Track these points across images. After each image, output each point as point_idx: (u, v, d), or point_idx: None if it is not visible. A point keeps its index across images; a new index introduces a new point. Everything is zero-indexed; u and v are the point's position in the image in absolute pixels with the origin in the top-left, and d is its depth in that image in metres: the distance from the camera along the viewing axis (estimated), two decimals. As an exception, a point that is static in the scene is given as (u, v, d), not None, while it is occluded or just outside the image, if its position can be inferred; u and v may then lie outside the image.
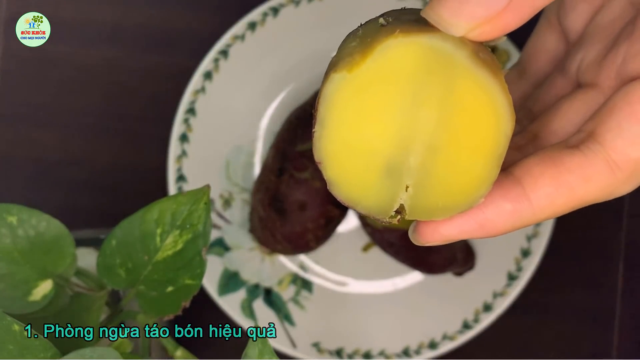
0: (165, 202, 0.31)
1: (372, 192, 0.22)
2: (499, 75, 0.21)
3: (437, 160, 0.21)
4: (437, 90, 0.21)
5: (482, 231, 0.23)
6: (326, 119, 0.21)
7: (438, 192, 0.22)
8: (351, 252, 0.47)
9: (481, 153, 0.21)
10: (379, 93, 0.21)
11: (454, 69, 0.20)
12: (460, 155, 0.21)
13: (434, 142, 0.21)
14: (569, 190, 0.22)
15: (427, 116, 0.21)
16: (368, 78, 0.21)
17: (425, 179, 0.22)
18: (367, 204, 0.22)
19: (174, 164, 0.46)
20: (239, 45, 0.46)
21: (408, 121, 0.21)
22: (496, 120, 0.21)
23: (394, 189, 0.22)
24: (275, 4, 0.45)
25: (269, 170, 0.44)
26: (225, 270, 0.46)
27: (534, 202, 0.22)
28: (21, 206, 0.31)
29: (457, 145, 0.21)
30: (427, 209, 0.22)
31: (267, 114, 0.47)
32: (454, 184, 0.22)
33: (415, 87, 0.21)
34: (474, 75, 0.20)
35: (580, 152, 0.22)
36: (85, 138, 0.48)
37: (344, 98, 0.21)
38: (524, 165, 0.23)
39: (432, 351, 0.45)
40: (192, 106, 0.46)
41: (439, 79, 0.20)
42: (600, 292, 0.47)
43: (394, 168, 0.22)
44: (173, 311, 0.31)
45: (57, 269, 0.31)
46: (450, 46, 0.20)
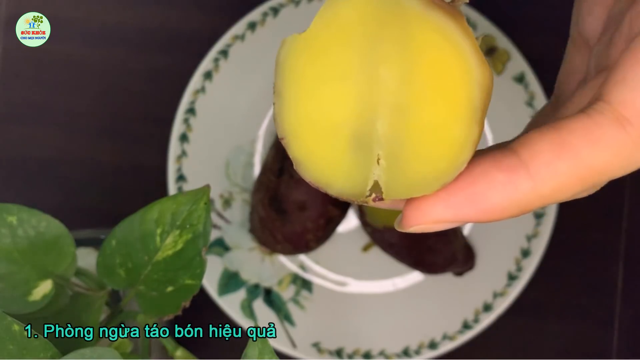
0: (165, 202, 0.31)
1: (342, 169, 0.20)
2: (460, 19, 0.18)
3: (406, 123, 0.19)
4: (394, 44, 0.18)
5: (475, 208, 0.19)
6: (283, 89, 0.19)
7: (414, 160, 0.19)
8: (351, 252, 0.47)
9: (454, 108, 0.18)
10: (332, 55, 0.19)
11: (407, 17, 0.18)
12: (431, 113, 0.19)
13: (400, 101, 0.19)
14: (574, 155, 0.18)
15: (387, 74, 0.19)
16: (319, 39, 0.19)
17: (397, 147, 0.19)
18: (339, 185, 0.20)
19: (174, 164, 0.46)
20: (239, 45, 0.46)
21: (368, 83, 0.19)
22: (463, 67, 0.18)
23: (365, 162, 0.19)
24: (275, 4, 0.45)
25: (269, 170, 0.44)
26: (225, 270, 0.46)
27: (533, 171, 0.19)
28: (21, 206, 0.31)
29: (426, 102, 0.19)
30: (405, 184, 0.19)
31: (267, 114, 0.47)
32: (430, 148, 0.19)
33: (369, 43, 0.19)
34: (430, 21, 0.18)
35: (584, 114, 0.19)
36: (85, 138, 0.48)
37: (297, 64, 0.19)
38: (520, 138, 0.20)
39: (432, 351, 0.45)
40: (192, 106, 0.46)
41: (394, 31, 0.18)
42: (600, 292, 0.47)
43: (362, 138, 0.19)
44: (173, 311, 0.31)
45: (57, 269, 0.31)
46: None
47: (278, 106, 0.19)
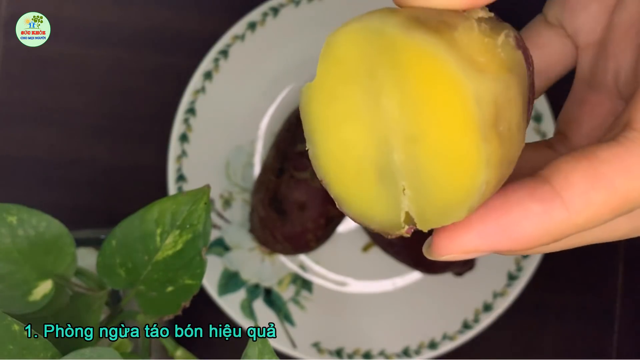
0: (165, 202, 0.31)
1: (376, 204, 0.20)
2: (447, 32, 0.18)
3: (418, 150, 0.19)
4: (386, 73, 0.18)
5: (508, 238, 0.19)
6: (310, 135, 0.20)
7: (434, 187, 0.19)
8: (351, 252, 0.47)
9: (456, 128, 0.18)
10: (340, 96, 0.19)
11: (392, 44, 0.18)
12: (435, 137, 0.18)
13: (406, 129, 0.18)
14: (609, 186, 0.18)
15: (388, 104, 0.18)
16: (326, 83, 0.19)
17: (416, 175, 0.19)
18: (378, 219, 0.20)
19: (174, 164, 0.46)
20: (239, 45, 0.46)
21: (375, 116, 0.19)
22: (451, 80, 0.17)
23: (394, 194, 0.19)
24: (275, 4, 0.45)
25: (269, 170, 0.45)
26: (225, 270, 0.46)
27: (568, 201, 0.18)
28: (21, 206, 0.31)
29: (428, 127, 0.18)
30: (433, 212, 0.19)
31: (267, 114, 0.47)
32: (445, 172, 0.18)
33: (367, 76, 0.19)
34: (412, 44, 0.17)
35: (616, 142, 0.19)
36: (85, 138, 0.48)
37: (316, 110, 0.20)
38: (551, 165, 0.19)
39: (432, 351, 0.45)
40: (192, 106, 0.46)
41: (384, 60, 0.18)
42: (600, 292, 0.47)
43: (384, 171, 0.19)
44: (173, 311, 0.31)
45: (57, 269, 0.31)
46: (376, 20, 0.18)
47: (311, 152, 0.20)
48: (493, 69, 0.18)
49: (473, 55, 0.18)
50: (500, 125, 0.18)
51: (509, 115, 0.18)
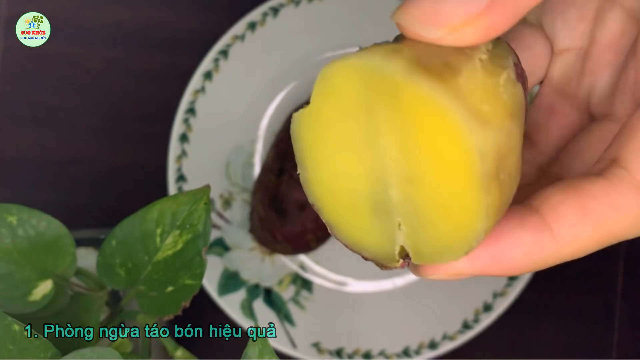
0: (165, 202, 0.31)
1: (370, 234, 0.20)
2: (452, 78, 0.17)
3: (415, 192, 0.18)
4: (386, 113, 0.18)
5: (497, 266, 0.19)
6: (302, 160, 0.20)
7: (431, 229, 0.19)
8: (351, 252, 0.47)
9: (455, 177, 0.18)
10: (336, 128, 0.19)
11: (394, 86, 0.17)
12: (434, 184, 0.18)
13: (404, 171, 0.18)
14: (596, 220, 0.19)
15: (387, 143, 0.18)
16: (321, 114, 0.19)
17: (413, 215, 0.19)
18: (371, 249, 0.20)
19: (174, 164, 0.46)
20: (239, 45, 0.46)
21: (372, 153, 0.19)
22: (456, 133, 0.17)
23: (388, 229, 0.19)
24: (275, 4, 0.45)
25: (269, 170, 0.45)
26: (225, 270, 0.46)
27: (557, 234, 0.19)
28: (21, 206, 0.31)
29: (427, 172, 0.18)
30: (429, 251, 0.19)
31: (267, 114, 0.47)
32: (443, 217, 0.18)
33: (365, 113, 0.18)
34: (413, 88, 0.17)
35: (604, 179, 0.19)
36: (85, 138, 0.48)
37: (309, 138, 0.20)
38: (541, 195, 0.20)
39: (432, 351, 0.45)
40: (192, 106, 0.46)
41: (385, 100, 0.18)
42: (600, 292, 0.47)
43: (380, 205, 0.19)
44: (173, 311, 0.31)
45: (57, 269, 0.31)
46: (378, 59, 0.17)
47: (302, 176, 0.20)
48: (497, 118, 0.18)
49: (477, 104, 0.17)
50: (501, 174, 0.18)
51: (510, 163, 0.18)
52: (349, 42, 0.46)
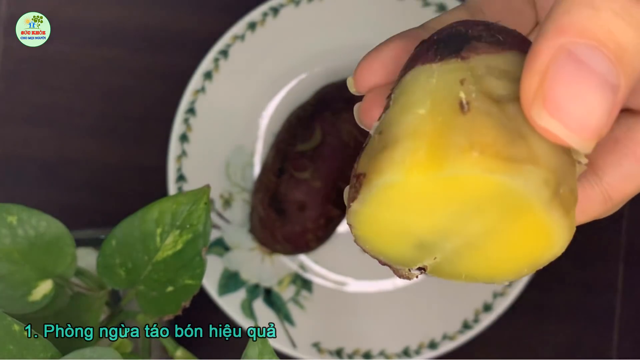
0: (165, 202, 0.31)
1: (399, 253, 0.21)
2: (572, 210, 0.18)
3: (471, 254, 0.20)
4: (496, 216, 0.18)
5: None
6: (367, 197, 0.19)
7: (463, 270, 0.20)
8: (351, 252, 0.47)
9: (518, 261, 0.19)
10: (434, 200, 0.18)
11: (525, 207, 0.18)
12: (495, 257, 0.20)
13: (475, 242, 0.19)
14: None
15: (476, 227, 0.19)
16: (427, 186, 0.18)
17: (455, 259, 0.20)
18: (391, 257, 0.21)
19: (174, 164, 0.46)
20: (239, 45, 0.46)
21: (455, 225, 0.19)
22: (549, 249, 0.19)
23: (422, 257, 0.20)
24: (275, 4, 0.45)
25: (269, 170, 0.45)
26: (225, 270, 0.46)
27: None
28: (21, 206, 0.31)
29: (497, 252, 0.19)
30: (448, 275, 0.21)
31: (267, 114, 0.47)
32: (481, 269, 0.20)
33: (476, 208, 0.18)
34: (545, 219, 0.18)
35: (580, 186, 0.21)
36: (85, 138, 0.48)
37: (392, 189, 0.18)
38: None
39: (432, 351, 0.45)
40: (192, 106, 0.46)
41: (503, 211, 0.18)
42: (600, 292, 0.47)
43: (427, 245, 0.20)
44: (173, 311, 0.31)
45: (57, 269, 0.31)
46: (532, 188, 0.17)
47: (358, 206, 0.19)
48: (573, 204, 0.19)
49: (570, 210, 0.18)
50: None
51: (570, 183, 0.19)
52: (349, 42, 0.46)
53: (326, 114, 0.44)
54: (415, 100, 0.18)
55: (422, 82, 0.19)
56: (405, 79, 0.19)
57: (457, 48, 0.19)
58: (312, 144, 0.44)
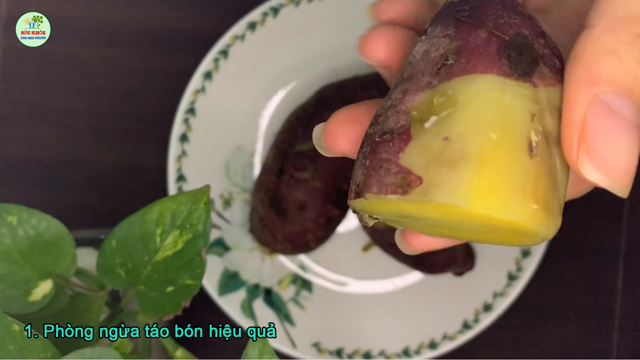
0: (165, 202, 0.31)
1: (392, 222, 0.22)
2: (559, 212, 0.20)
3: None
4: (494, 235, 0.21)
5: None
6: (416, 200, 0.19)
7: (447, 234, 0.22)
8: (351, 252, 0.47)
9: (499, 241, 0.21)
10: (466, 224, 0.20)
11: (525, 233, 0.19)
12: (479, 238, 0.22)
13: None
14: None
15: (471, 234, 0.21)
16: (475, 217, 0.19)
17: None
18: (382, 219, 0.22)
19: (174, 164, 0.46)
20: (239, 45, 0.46)
21: (458, 234, 0.22)
22: (532, 242, 0.20)
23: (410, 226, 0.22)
24: (275, 4, 0.45)
25: (269, 170, 0.44)
26: (225, 270, 0.46)
27: None
28: (21, 206, 0.31)
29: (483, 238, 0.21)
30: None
31: (266, 115, 0.47)
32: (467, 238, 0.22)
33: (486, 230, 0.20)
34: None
35: None
36: (85, 138, 0.48)
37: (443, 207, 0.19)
38: None
39: (432, 351, 0.45)
40: (192, 106, 0.46)
41: (504, 233, 0.20)
42: (600, 292, 0.47)
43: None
44: (173, 311, 0.31)
45: (57, 269, 0.31)
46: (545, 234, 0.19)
47: None
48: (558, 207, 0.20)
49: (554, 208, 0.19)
50: None
51: None
52: (349, 42, 0.46)
53: (326, 114, 0.44)
54: (488, 118, 0.18)
55: (495, 96, 0.19)
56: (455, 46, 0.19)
57: (529, 69, 0.19)
58: (312, 144, 0.43)
